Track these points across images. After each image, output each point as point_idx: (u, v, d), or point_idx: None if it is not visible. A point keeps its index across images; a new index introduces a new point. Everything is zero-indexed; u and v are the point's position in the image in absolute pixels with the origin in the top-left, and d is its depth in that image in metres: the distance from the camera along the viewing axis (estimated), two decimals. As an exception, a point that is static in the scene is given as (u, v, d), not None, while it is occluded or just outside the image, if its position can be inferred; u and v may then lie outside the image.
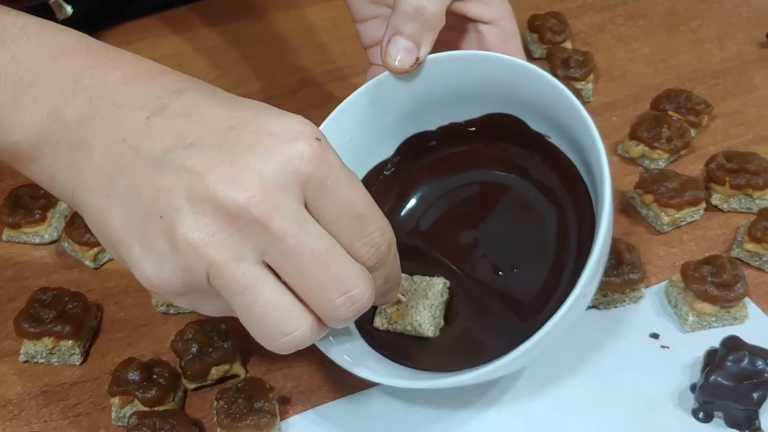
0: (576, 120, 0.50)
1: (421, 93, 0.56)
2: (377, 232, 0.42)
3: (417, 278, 0.55)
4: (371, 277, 0.43)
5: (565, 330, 0.48)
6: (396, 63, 0.54)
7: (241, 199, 0.38)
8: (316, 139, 0.40)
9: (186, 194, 0.39)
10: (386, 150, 0.59)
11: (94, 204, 0.41)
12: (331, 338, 0.51)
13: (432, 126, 0.59)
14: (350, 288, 0.41)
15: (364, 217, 0.42)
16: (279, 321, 0.41)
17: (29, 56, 0.43)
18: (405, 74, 0.54)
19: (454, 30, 0.58)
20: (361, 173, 0.59)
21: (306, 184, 0.40)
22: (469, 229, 0.59)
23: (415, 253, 0.58)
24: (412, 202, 0.61)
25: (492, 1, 0.57)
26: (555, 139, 0.55)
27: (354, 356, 0.52)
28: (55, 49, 0.43)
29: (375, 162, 0.59)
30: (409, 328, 0.54)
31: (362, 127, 0.57)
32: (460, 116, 0.58)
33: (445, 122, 0.59)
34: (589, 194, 0.54)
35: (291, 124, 0.40)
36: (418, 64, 0.54)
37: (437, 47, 0.54)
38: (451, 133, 0.59)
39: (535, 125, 0.56)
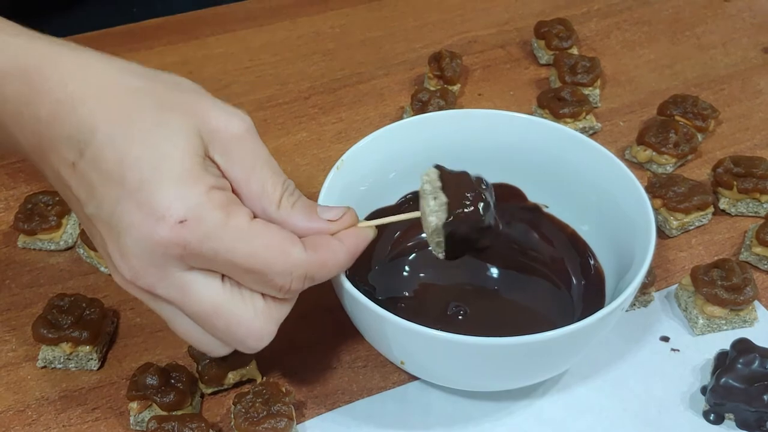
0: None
1: (431, 149, 0.59)
2: (277, 277, 0.44)
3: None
4: (276, 309, 0.46)
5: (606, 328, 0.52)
6: None
7: (128, 276, 0.44)
8: (181, 221, 0.42)
9: (104, 250, 0.46)
10: (390, 199, 0.62)
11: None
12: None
13: None
14: (249, 331, 0.45)
15: (256, 272, 0.44)
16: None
17: None
18: (413, 128, 0.60)
19: None
20: (371, 209, 0.61)
21: (182, 257, 0.43)
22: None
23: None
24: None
25: None
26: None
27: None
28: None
29: (380, 206, 0.62)
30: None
31: (368, 175, 0.60)
32: None
33: None
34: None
35: (161, 203, 0.42)
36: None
37: None
38: None
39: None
